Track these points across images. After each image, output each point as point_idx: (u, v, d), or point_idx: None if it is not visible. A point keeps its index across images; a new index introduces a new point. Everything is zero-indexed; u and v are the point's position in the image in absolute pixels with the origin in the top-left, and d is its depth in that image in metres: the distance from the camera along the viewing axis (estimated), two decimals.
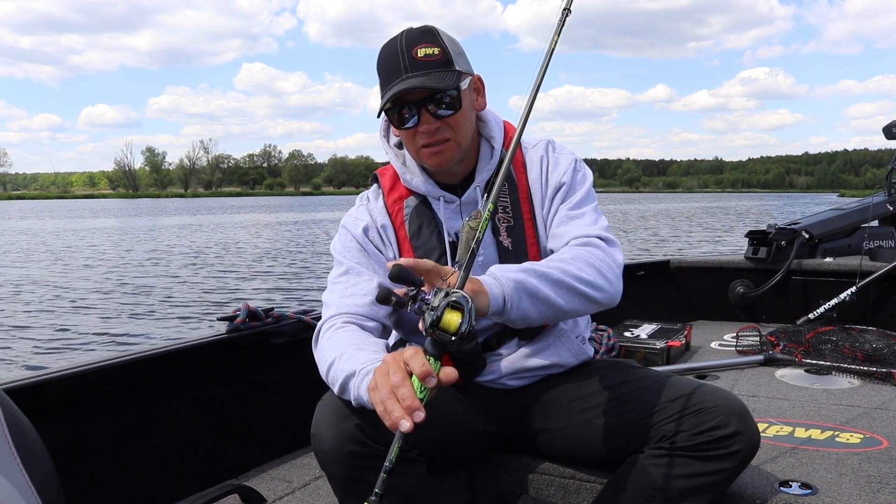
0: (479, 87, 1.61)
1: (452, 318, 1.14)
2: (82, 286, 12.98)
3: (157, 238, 26.12)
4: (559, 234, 1.58)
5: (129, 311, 10.30)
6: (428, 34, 1.50)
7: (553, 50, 1.33)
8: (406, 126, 1.52)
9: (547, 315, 1.42)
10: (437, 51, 1.48)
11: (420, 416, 1.09)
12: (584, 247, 1.51)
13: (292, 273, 14.77)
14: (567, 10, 1.36)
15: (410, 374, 1.12)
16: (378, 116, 1.55)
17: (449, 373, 1.14)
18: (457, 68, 1.50)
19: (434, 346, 1.15)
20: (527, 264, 1.43)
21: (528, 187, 1.64)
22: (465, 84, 1.52)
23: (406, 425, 1.08)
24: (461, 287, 1.19)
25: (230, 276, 14.27)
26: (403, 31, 1.51)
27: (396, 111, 1.51)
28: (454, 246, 1.59)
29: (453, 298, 1.15)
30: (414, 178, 1.62)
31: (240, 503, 1.86)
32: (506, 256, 1.60)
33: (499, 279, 1.36)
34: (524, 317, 1.38)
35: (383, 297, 1.19)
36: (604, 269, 1.47)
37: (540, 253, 1.62)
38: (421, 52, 1.47)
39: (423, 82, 1.44)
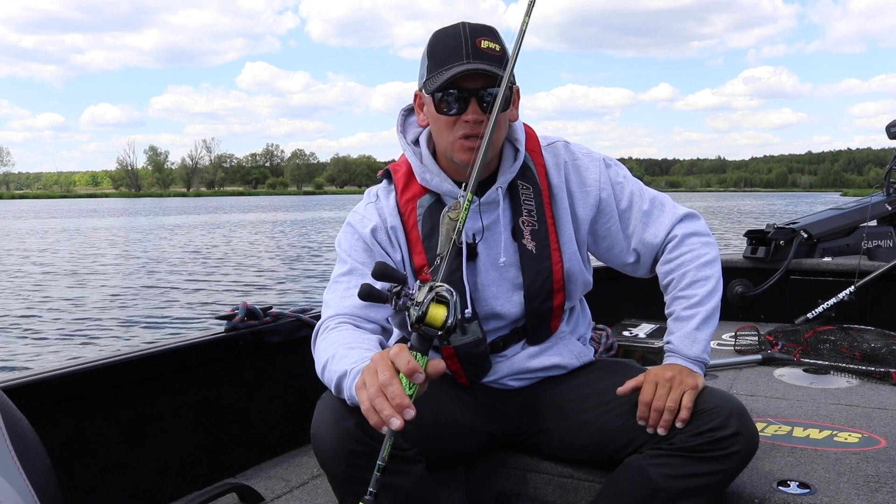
0: (515, 98, 1.60)
1: (438, 313, 1.14)
2: (79, 285, 13.00)
3: (157, 237, 26.14)
4: (648, 241, 1.65)
5: (126, 309, 10.32)
6: (490, 30, 1.49)
7: (524, 31, 1.35)
8: (451, 112, 1.48)
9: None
10: (498, 48, 1.47)
11: (410, 413, 1.09)
12: (684, 248, 1.63)
13: (291, 272, 14.78)
14: None
15: (399, 372, 1.13)
16: (432, 92, 1.48)
17: (436, 365, 1.15)
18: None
19: (420, 342, 1.16)
20: (684, 319, 1.58)
21: (550, 191, 1.63)
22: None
23: (396, 423, 1.09)
24: (444, 280, 1.19)
25: (229, 275, 14.28)
26: (464, 22, 1.50)
27: (442, 95, 1.48)
28: (469, 247, 1.58)
29: (438, 292, 1.15)
30: (433, 177, 1.58)
31: (238, 502, 1.87)
32: (529, 260, 1.59)
33: (693, 356, 1.54)
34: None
35: (365, 293, 1.20)
36: (710, 255, 1.63)
37: (561, 258, 1.61)
38: (484, 44, 1.45)
39: (491, 67, 1.43)
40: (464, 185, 1.31)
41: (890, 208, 4.25)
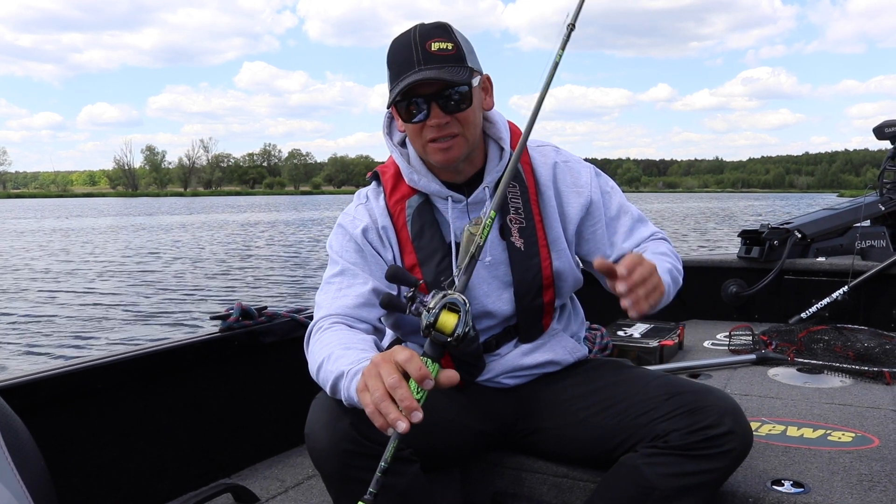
0: (487, 86, 1.60)
1: (448, 320, 1.17)
2: (75, 285, 12.97)
3: (152, 237, 26.08)
4: (627, 251, 1.66)
5: (121, 309, 10.30)
6: (441, 29, 1.49)
7: (558, 63, 1.38)
8: (415, 120, 1.50)
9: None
10: (450, 46, 1.47)
11: (418, 416, 1.10)
12: (658, 244, 1.68)
13: (287, 272, 14.76)
14: (571, 26, 1.40)
15: (406, 376, 1.13)
16: (388, 107, 1.54)
17: (450, 376, 1.16)
18: (468, 65, 1.50)
19: (432, 348, 1.18)
20: (654, 256, 1.56)
21: (538, 189, 1.64)
22: (475, 81, 1.51)
23: (403, 426, 1.09)
24: (461, 291, 1.21)
25: (224, 275, 14.27)
26: (416, 26, 1.50)
27: (405, 104, 1.49)
28: (458, 247, 1.58)
29: (450, 300, 1.18)
30: (421, 177, 1.60)
31: (233, 502, 1.87)
32: (518, 258, 1.60)
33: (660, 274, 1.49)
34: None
35: (387, 302, 1.25)
36: (679, 265, 1.66)
37: (550, 255, 1.62)
38: (435, 46, 1.46)
39: (438, 74, 1.44)
40: (486, 205, 1.34)
41: (883, 208, 4.27)
